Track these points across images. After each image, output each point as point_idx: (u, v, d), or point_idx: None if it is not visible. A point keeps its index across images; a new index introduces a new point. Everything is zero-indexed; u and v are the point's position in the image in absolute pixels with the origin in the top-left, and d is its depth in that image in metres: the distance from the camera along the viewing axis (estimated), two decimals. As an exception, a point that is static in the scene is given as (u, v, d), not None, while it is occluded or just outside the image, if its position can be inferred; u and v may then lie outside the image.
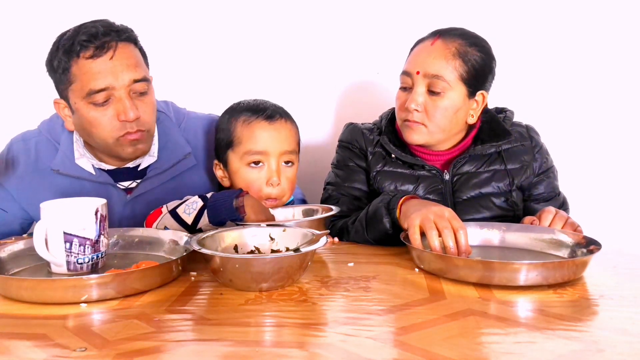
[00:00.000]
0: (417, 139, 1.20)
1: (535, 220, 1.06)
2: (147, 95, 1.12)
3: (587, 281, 0.87)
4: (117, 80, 1.06)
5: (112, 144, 1.11)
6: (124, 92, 1.07)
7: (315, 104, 1.69)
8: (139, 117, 1.09)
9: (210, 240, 0.89)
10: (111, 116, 1.08)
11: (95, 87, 1.06)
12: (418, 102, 1.17)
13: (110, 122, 1.08)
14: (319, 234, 0.89)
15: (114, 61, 1.06)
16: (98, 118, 1.08)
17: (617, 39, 1.61)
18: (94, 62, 1.06)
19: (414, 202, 1.04)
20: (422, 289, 0.83)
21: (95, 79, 1.05)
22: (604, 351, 0.61)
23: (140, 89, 1.10)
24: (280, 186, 1.14)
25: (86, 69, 1.06)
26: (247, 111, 1.16)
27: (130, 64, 1.08)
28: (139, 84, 1.09)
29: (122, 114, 1.07)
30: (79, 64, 1.06)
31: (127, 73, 1.07)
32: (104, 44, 1.06)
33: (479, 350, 0.61)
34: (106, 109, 1.08)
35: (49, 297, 0.76)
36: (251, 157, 1.13)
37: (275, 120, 1.15)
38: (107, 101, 1.07)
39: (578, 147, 1.64)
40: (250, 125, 1.14)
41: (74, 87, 1.08)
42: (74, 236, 0.84)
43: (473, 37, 1.20)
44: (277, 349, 0.62)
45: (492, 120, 1.26)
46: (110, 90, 1.07)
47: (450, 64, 1.15)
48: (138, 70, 1.09)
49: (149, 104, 1.13)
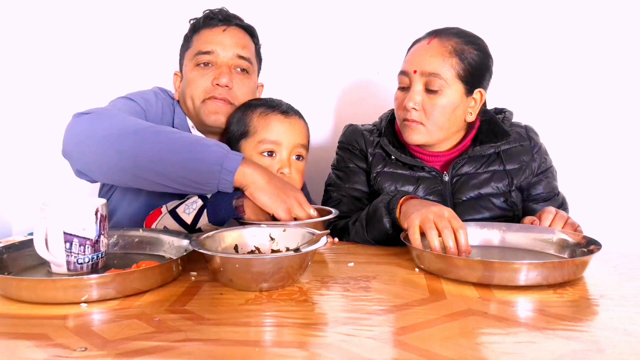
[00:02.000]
0: (416, 138, 1.20)
1: (535, 220, 1.06)
2: (247, 75, 1.24)
3: (587, 281, 0.87)
4: (223, 49, 1.20)
5: (198, 106, 1.21)
6: (225, 61, 1.20)
7: (316, 104, 1.69)
8: (231, 88, 1.19)
9: (210, 241, 0.89)
10: (207, 78, 1.20)
11: (203, 49, 1.20)
12: (416, 101, 1.17)
13: (205, 82, 1.20)
14: (319, 234, 0.89)
15: (225, 34, 1.22)
16: (196, 77, 1.21)
17: (616, 39, 1.61)
18: (210, 31, 1.22)
19: (413, 202, 1.04)
20: (422, 289, 0.83)
21: (206, 42, 1.21)
22: (604, 351, 0.61)
23: (243, 65, 1.22)
24: (291, 177, 1.16)
25: (202, 35, 1.23)
26: (263, 106, 1.21)
27: (240, 43, 1.22)
28: (243, 61, 1.22)
29: (217, 78, 1.19)
30: (200, 33, 1.23)
31: (234, 48, 1.21)
32: (224, 19, 1.23)
33: (479, 350, 0.61)
34: (206, 71, 1.20)
35: (49, 297, 0.76)
36: (265, 146, 1.16)
37: (290, 115, 1.20)
38: (209, 64, 1.20)
39: (578, 147, 1.64)
40: (267, 117, 1.18)
41: (190, 51, 1.23)
42: (74, 236, 0.84)
43: (469, 35, 1.20)
44: (277, 349, 0.62)
45: (491, 121, 1.26)
46: (215, 56, 1.20)
47: (447, 62, 1.16)
48: (245, 50, 1.23)
49: (246, 85, 1.23)
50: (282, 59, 1.71)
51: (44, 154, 1.80)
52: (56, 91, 1.79)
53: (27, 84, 1.81)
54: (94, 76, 1.77)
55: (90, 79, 1.77)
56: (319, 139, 1.72)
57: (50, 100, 1.79)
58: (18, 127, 1.83)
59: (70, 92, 1.78)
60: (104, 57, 1.77)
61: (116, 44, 1.76)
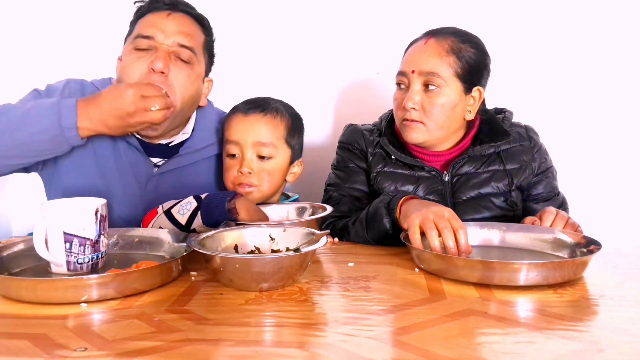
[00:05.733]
0: (416, 137, 1.21)
1: (536, 220, 1.06)
2: (187, 66, 1.13)
3: (587, 281, 0.87)
4: (165, 35, 1.11)
5: None
6: (164, 48, 1.11)
7: (315, 104, 1.69)
8: (166, 75, 1.10)
9: (210, 241, 0.89)
10: (143, 61, 1.10)
11: (143, 33, 1.12)
12: (415, 100, 1.17)
13: (140, 67, 1.10)
14: (319, 234, 0.89)
15: (169, 19, 1.12)
16: (132, 61, 1.11)
17: (616, 38, 1.61)
18: (153, 15, 1.14)
19: (413, 203, 1.04)
20: (422, 289, 0.83)
21: (148, 26, 1.12)
22: (604, 351, 0.61)
23: (183, 55, 1.12)
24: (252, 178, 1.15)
25: (145, 19, 1.14)
26: (242, 104, 1.21)
27: (183, 30, 1.13)
28: (184, 50, 1.12)
29: (152, 63, 1.09)
30: (143, 18, 1.15)
31: (176, 35, 1.12)
32: (171, 5, 1.14)
33: (479, 350, 0.61)
34: (143, 55, 1.11)
35: (49, 297, 0.76)
36: (227, 147, 1.18)
37: (251, 113, 1.17)
38: (147, 50, 1.11)
39: (578, 147, 1.64)
40: (228, 117, 1.20)
41: (131, 36, 1.15)
42: (74, 236, 0.84)
43: (465, 34, 1.21)
44: (277, 349, 0.62)
45: (491, 121, 1.26)
46: (154, 41, 1.11)
47: (444, 61, 1.16)
48: (188, 38, 1.13)
49: (185, 74, 1.12)
50: (282, 58, 1.71)
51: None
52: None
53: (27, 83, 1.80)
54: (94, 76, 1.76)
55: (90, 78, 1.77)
56: (319, 138, 1.72)
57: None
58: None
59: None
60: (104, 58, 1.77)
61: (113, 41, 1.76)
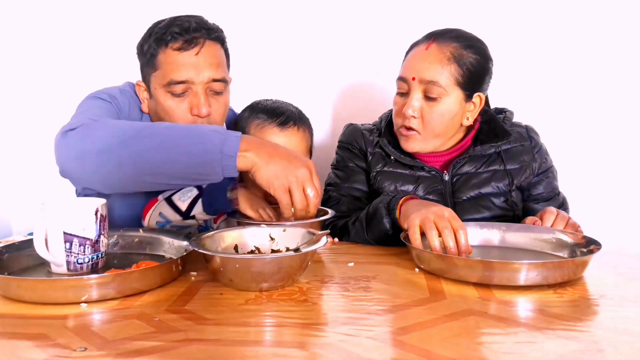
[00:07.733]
0: (412, 147, 1.21)
1: (537, 220, 1.06)
2: (222, 95, 1.16)
3: (587, 281, 0.87)
4: (197, 75, 1.11)
5: None
6: (201, 88, 1.12)
7: (315, 104, 1.69)
8: (210, 115, 1.13)
9: (210, 241, 0.89)
10: (185, 108, 1.12)
11: (176, 78, 1.10)
12: (415, 108, 1.17)
13: (183, 114, 1.12)
14: (319, 234, 0.89)
15: (198, 57, 1.11)
16: (173, 107, 1.12)
17: (616, 38, 1.61)
18: (180, 55, 1.10)
19: (413, 203, 1.04)
20: (422, 289, 0.83)
21: (178, 70, 1.10)
22: (604, 351, 0.61)
23: (217, 89, 1.14)
24: None
25: (172, 59, 1.11)
26: (263, 113, 1.21)
27: (213, 62, 1.13)
28: (217, 84, 1.13)
29: (195, 108, 1.11)
30: (166, 53, 1.11)
31: (208, 71, 1.12)
32: (193, 39, 1.11)
33: (479, 350, 0.61)
34: (182, 100, 1.12)
35: (49, 297, 0.76)
36: None
37: (287, 128, 1.19)
38: (184, 93, 1.12)
39: (578, 147, 1.64)
40: (262, 130, 1.19)
41: (157, 74, 1.13)
42: (74, 236, 0.84)
43: (468, 38, 1.18)
44: (277, 349, 0.62)
45: (492, 121, 1.26)
46: (189, 84, 1.11)
47: (445, 69, 1.15)
48: (219, 70, 1.14)
49: (222, 104, 1.17)
50: (282, 58, 1.71)
51: (44, 154, 1.80)
52: (56, 91, 1.78)
53: (27, 84, 1.81)
54: (93, 75, 1.77)
55: (89, 78, 1.77)
56: (319, 138, 1.71)
57: (50, 100, 1.79)
58: (18, 127, 1.83)
59: (70, 92, 1.77)
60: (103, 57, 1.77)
61: (113, 40, 1.76)
